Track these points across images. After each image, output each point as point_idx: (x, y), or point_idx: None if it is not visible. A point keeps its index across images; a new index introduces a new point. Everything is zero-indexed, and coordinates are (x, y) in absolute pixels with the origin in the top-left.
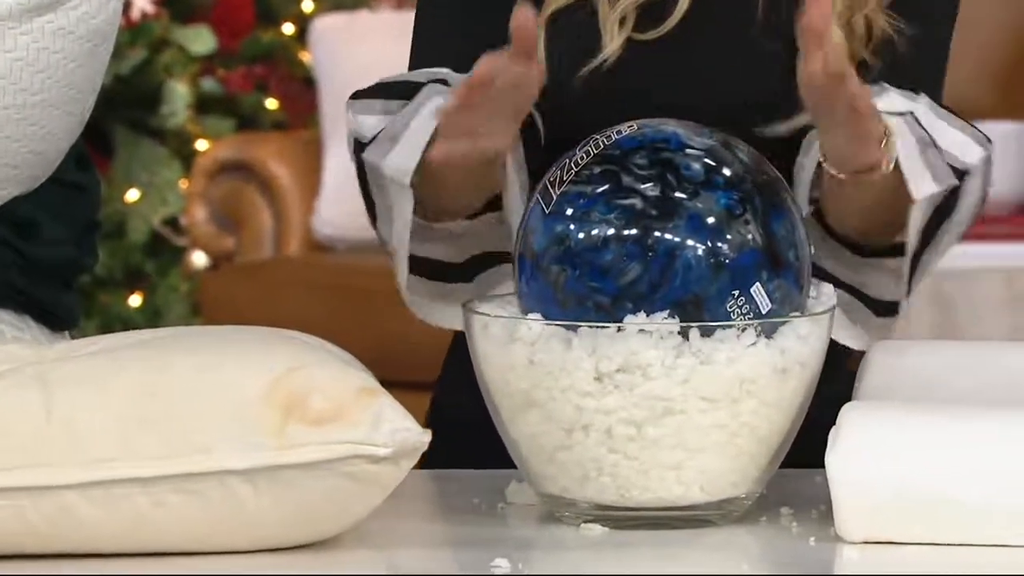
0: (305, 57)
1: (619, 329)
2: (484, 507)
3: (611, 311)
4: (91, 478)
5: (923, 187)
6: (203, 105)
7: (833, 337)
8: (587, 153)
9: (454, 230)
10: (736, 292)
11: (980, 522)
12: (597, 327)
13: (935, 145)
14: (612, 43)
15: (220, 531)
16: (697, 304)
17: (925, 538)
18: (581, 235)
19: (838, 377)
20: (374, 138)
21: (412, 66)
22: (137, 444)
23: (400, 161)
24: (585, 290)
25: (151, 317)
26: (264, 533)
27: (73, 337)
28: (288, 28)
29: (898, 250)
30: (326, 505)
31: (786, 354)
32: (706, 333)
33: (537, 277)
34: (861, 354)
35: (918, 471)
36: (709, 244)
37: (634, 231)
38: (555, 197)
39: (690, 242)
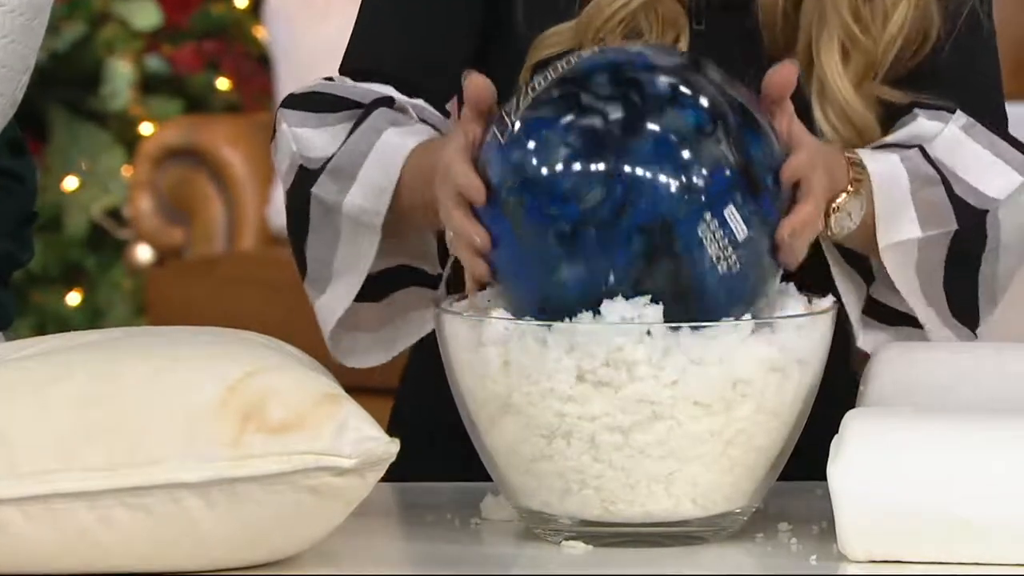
0: (259, 33)
1: (596, 314)
2: (457, 523)
3: (571, 243)
4: (29, 492)
5: (892, 233)
6: (148, 85)
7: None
8: (545, 78)
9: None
10: (708, 215)
11: (991, 540)
12: (575, 323)
13: (944, 181)
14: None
15: (170, 549)
16: (666, 229)
17: (933, 557)
18: (538, 161)
19: (841, 381)
20: (322, 168)
21: (350, 56)
22: (80, 455)
23: (364, 203)
24: (545, 219)
25: (91, 317)
26: (218, 552)
27: (6, 339)
28: (241, 1)
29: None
30: (285, 521)
31: (784, 351)
32: (696, 327)
33: (495, 216)
34: (866, 355)
35: (926, 485)
36: (677, 163)
37: (596, 153)
38: (511, 126)
39: (657, 162)
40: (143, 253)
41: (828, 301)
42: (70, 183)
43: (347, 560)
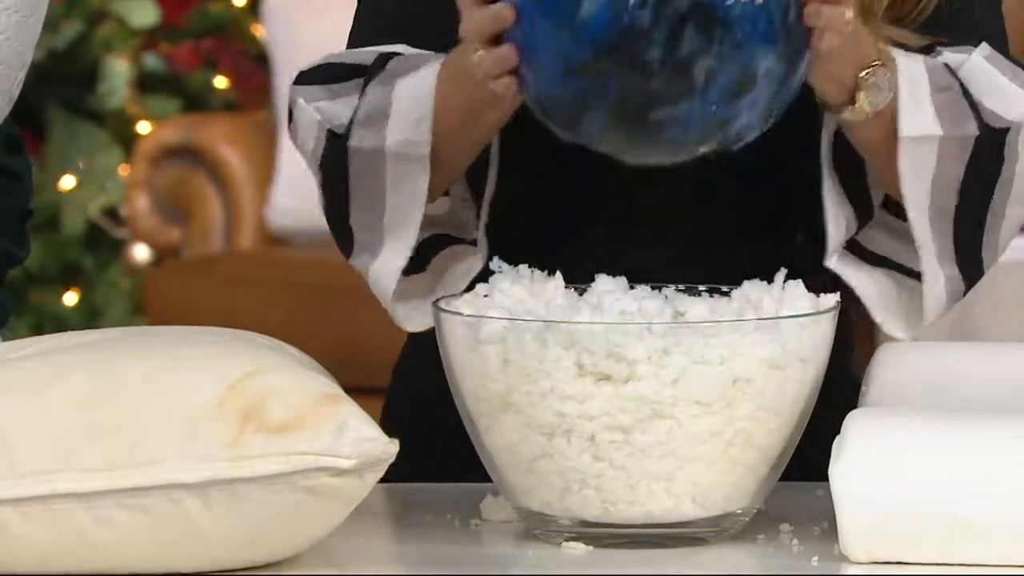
0: (258, 31)
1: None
2: (457, 524)
3: None
4: (27, 493)
5: (916, 124)
6: (145, 84)
7: (884, 327)
8: None
9: (428, 212)
10: None
11: (993, 541)
12: (574, 323)
13: (966, 94)
14: None
15: (169, 550)
16: None
17: (935, 558)
18: None
19: (843, 381)
20: (352, 122)
21: (354, 42)
22: (78, 456)
23: (405, 135)
24: None
25: (88, 317)
26: (216, 552)
27: (4, 339)
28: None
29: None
30: (284, 522)
31: (786, 349)
32: (697, 326)
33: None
34: (868, 356)
35: (928, 485)
36: None
37: None
38: None
39: None
40: (141, 253)
41: (831, 300)
42: (67, 182)
43: (346, 561)
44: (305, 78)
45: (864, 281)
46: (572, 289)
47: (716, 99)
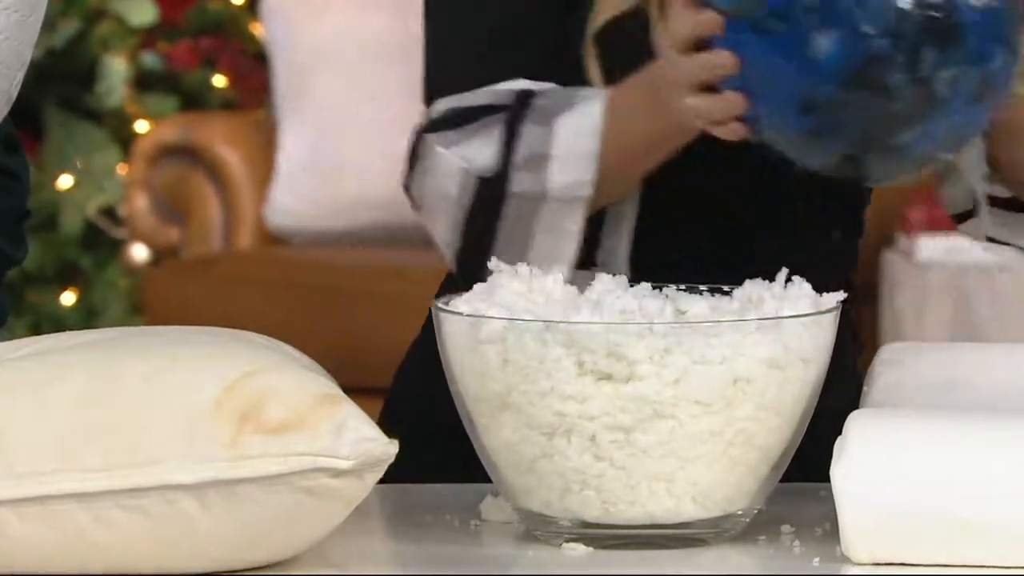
0: (257, 30)
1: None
2: (457, 524)
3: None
4: (25, 493)
5: None
6: (143, 82)
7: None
8: None
9: None
10: None
11: (995, 542)
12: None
13: None
14: None
15: (167, 551)
16: None
17: (937, 559)
18: None
19: (844, 381)
20: (505, 164)
21: (438, 81)
22: (77, 456)
23: (568, 177)
24: None
25: (87, 317)
26: (215, 553)
27: (1, 339)
28: None
29: None
30: (283, 523)
31: (788, 349)
32: (698, 326)
33: (729, 37)
34: (870, 355)
35: (931, 486)
36: None
37: None
38: None
39: None
40: (139, 252)
41: (833, 299)
42: (65, 181)
43: (345, 562)
44: (436, 125)
45: None
46: (571, 286)
47: (959, 107)
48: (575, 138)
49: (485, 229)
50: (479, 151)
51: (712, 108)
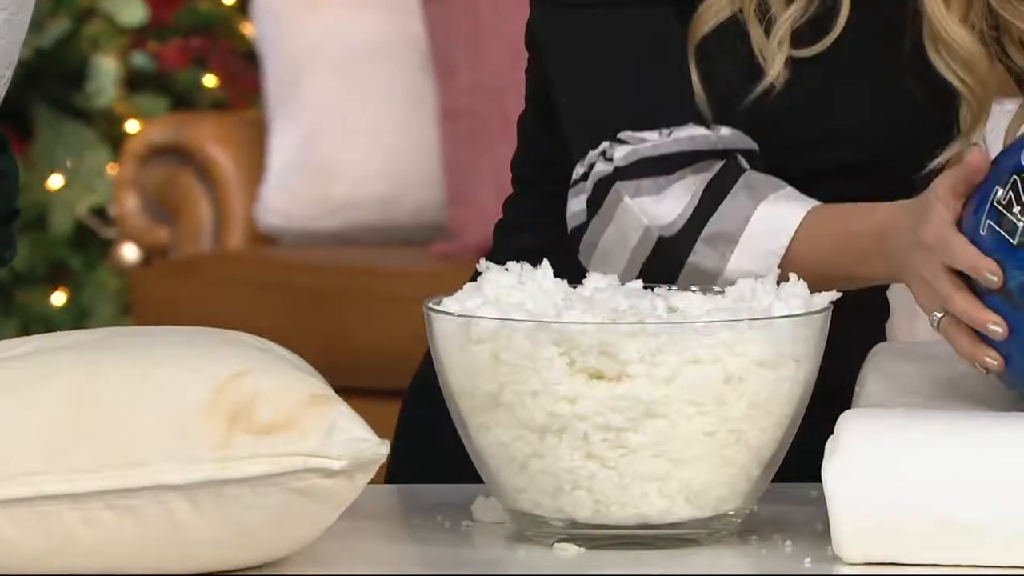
0: (247, 30)
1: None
2: (448, 525)
3: None
4: (14, 494)
5: None
6: (134, 82)
7: None
8: None
9: None
10: None
11: (987, 542)
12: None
13: None
14: (775, 66)
15: (156, 552)
16: None
17: (929, 559)
18: None
19: (837, 380)
20: (692, 233)
21: (593, 116)
22: (66, 457)
23: (750, 267)
24: None
25: (76, 317)
26: (205, 554)
27: None
28: None
29: None
30: (273, 524)
31: (779, 348)
32: (690, 325)
33: (1015, 317)
34: (863, 354)
35: (922, 486)
36: None
37: None
38: (1020, 225)
39: None
40: (129, 252)
41: (825, 299)
42: (55, 181)
43: (337, 563)
44: (625, 173)
45: None
46: (562, 279)
47: None
48: (768, 231)
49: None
50: (671, 208)
51: (959, 331)
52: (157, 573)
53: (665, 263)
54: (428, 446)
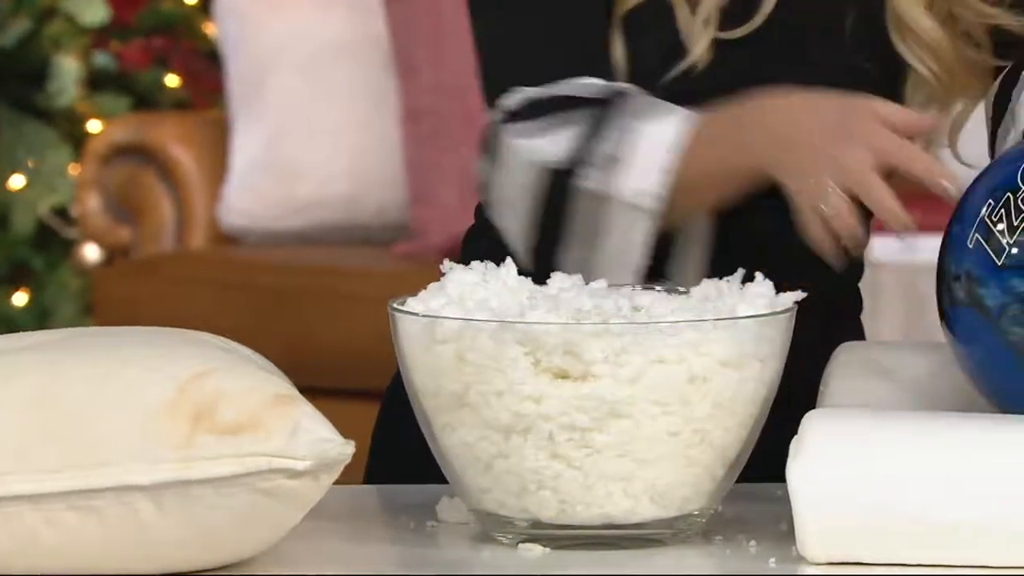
0: (210, 29)
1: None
2: (412, 525)
3: None
4: None
5: None
6: (95, 82)
7: None
8: None
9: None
10: None
11: (951, 542)
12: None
13: None
14: (699, 46)
15: (121, 553)
16: None
17: (893, 558)
18: None
19: (801, 381)
20: (577, 161)
21: (501, 75)
22: (29, 457)
23: (643, 184)
24: None
25: (38, 317)
26: (169, 555)
27: None
28: None
29: None
30: (238, 524)
31: (744, 349)
32: (654, 325)
33: (988, 335)
34: (826, 356)
35: (887, 486)
36: None
37: None
38: (1008, 247)
39: None
40: (91, 252)
41: (790, 299)
42: (16, 181)
43: (302, 563)
44: (513, 117)
45: None
46: (526, 277)
47: None
48: (654, 149)
49: (556, 224)
50: (555, 143)
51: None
52: (121, 574)
53: (561, 196)
54: (406, 446)
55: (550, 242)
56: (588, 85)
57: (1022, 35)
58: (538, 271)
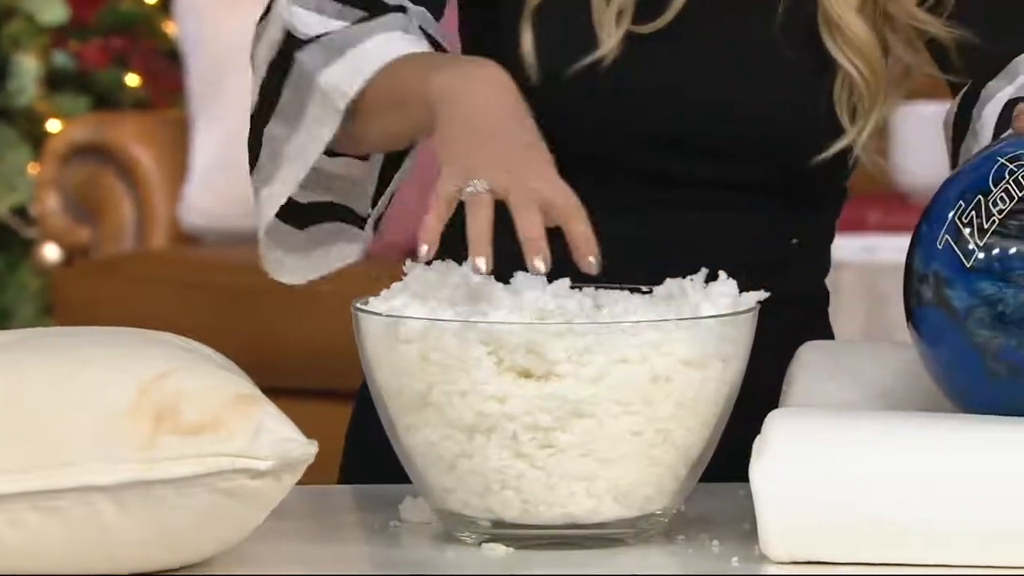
0: (169, 28)
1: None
2: (375, 526)
3: None
4: None
5: None
6: (54, 81)
7: None
8: (1008, 194)
9: (332, 169)
10: None
11: (913, 541)
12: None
13: None
14: (611, 39)
15: (83, 553)
16: None
17: (856, 558)
18: (1021, 300)
19: (764, 380)
20: (315, 38)
21: None
22: None
23: (340, 79)
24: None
25: None
26: (131, 555)
27: None
28: None
29: None
30: (200, 525)
31: (706, 348)
32: (617, 324)
33: (954, 336)
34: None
35: (849, 485)
36: None
37: None
38: (976, 249)
39: None
40: (50, 252)
41: (752, 298)
42: None
43: (263, 563)
44: None
45: None
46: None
47: None
48: (365, 56)
49: (271, 91)
50: (314, 20)
51: (480, 209)
52: (83, 574)
53: (284, 56)
54: (378, 445)
55: (265, 109)
56: None
57: (950, 45)
58: (250, 144)
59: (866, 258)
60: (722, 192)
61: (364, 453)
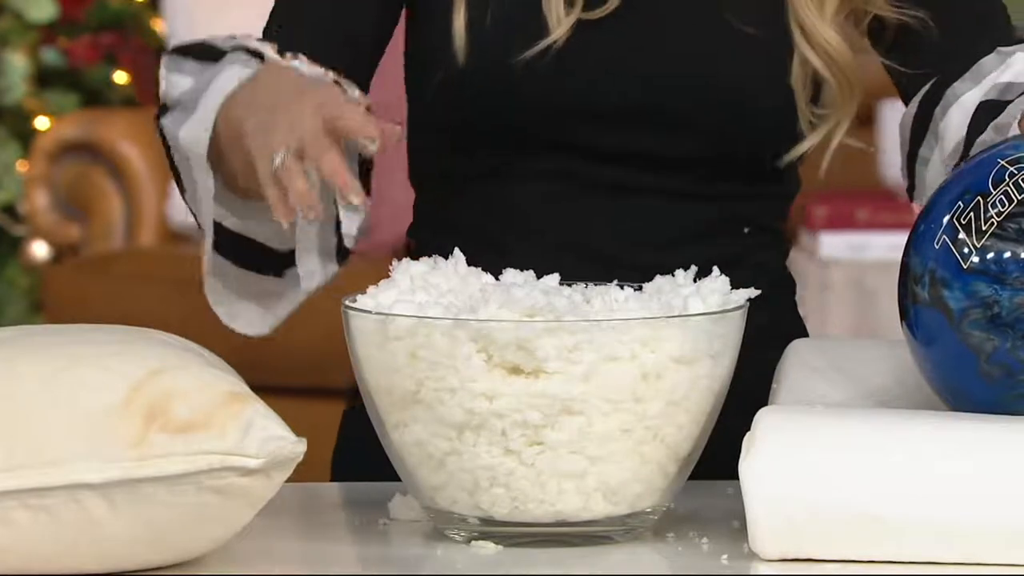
0: (159, 26)
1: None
2: (365, 524)
3: None
4: None
5: None
6: (43, 78)
7: None
8: (1008, 196)
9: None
10: None
11: (902, 538)
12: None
13: None
14: (560, 26)
15: (73, 551)
16: None
17: (845, 555)
18: (1016, 303)
19: (753, 377)
20: (177, 103)
21: (268, 27)
22: None
23: (194, 133)
24: (1020, 364)
25: None
26: (121, 553)
27: None
28: None
29: None
30: (190, 522)
31: (696, 345)
32: (607, 322)
33: (948, 336)
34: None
35: (838, 483)
36: None
37: None
38: (974, 250)
39: None
40: (39, 250)
41: (742, 296)
42: None
43: (253, 561)
44: (176, 50)
45: None
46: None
47: None
48: (212, 97)
49: (171, 161)
50: (180, 82)
51: (296, 175)
52: (73, 572)
53: (159, 129)
54: (370, 443)
55: (179, 182)
56: (241, 42)
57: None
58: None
59: (855, 255)
60: (672, 174)
61: (354, 451)
